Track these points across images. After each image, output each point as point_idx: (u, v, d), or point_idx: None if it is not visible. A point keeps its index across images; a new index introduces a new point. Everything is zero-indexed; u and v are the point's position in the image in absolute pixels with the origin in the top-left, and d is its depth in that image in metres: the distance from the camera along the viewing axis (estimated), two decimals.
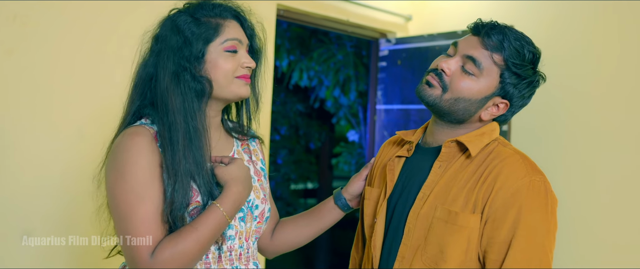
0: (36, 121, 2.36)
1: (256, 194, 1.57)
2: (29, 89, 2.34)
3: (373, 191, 1.63)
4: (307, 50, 6.57)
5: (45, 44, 2.38)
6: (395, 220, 1.50)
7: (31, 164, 2.35)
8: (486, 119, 1.48)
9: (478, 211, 1.38)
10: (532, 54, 1.44)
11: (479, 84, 1.43)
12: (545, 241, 1.35)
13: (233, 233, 1.50)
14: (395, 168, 1.57)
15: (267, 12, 3.22)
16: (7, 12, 2.28)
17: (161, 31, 1.47)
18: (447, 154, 1.48)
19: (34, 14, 2.34)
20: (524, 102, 1.49)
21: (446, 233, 1.39)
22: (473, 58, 1.43)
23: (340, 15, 3.66)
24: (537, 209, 1.36)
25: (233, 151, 1.59)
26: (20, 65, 2.31)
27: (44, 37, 2.37)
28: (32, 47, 2.35)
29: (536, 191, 1.36)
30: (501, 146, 1.46)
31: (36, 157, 2.36)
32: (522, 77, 1.44)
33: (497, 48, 1.42)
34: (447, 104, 1.45)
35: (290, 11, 3.42)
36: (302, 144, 7.97)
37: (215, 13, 1.48)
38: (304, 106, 7.60)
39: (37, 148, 2.36)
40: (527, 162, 1.41)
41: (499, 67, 1.43)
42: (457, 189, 1.42)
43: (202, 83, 1.44)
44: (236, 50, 1.48)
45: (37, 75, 2.36)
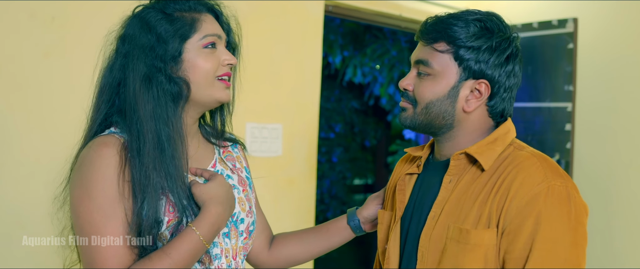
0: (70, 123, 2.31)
1: (242, 206, 1.43)
2: (65, 91, 2.30)
3: (385, 215, 1.49)
4: (361, 46, 6.42)
5: (82, 46, 2.32)
6: (409, 244, 1.35)
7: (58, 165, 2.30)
8: (471, 110, 1.31)
9: (493, 225, 1.21)
10: (479, 21, 1.29)
11: (438, 80, 1.31)
12: (570, 256, 1.17)
13: (219, 251, 1.35)
14: (406, 188, 1.43)
15: (314, 9, 3.12)
16: (44, 15, 2.24)
17: (128, 30, 1.32)
18: (456, 167, 1.32)
19: (71, 16, 2.30)
20: (506, 72, 1.31)
21: (460, 254, 1.23)
22: (421, 60, 1.33)
23: (392, 10, 3.51)
24: (558, 218, 1.17)
25: (214, 159, 1.45)
26: (57, 68, 2.28)
27: (81, 39, 2.32)
28: (69, 49, 2.30)
29: (556, 197, 1.18)
30: (517, 150, 1.29)
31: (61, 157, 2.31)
32: (477, 46, 1.28)
33: (436, 37, 1.30)
34: (422, 117, 1.33)
35: (340, 7, 3.30)
36: (358, 142, 7.82)
37: (188, 7, 1.34)
38: (359, 103, 7.45)
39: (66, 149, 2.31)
40: (546, 165, 1.23)
41: (449, 52, 1.30)
42: (469, 204, 1.26)
43: (179, 85, 1.30)
44: (214, 43, 1.34)
45: (73, 77, 2.31)
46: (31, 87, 2.24)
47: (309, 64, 3.14)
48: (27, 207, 2.22)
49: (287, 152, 3.06)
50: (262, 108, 2.94)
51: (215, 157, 1.46)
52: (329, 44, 6.13)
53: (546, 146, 3.26)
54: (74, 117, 2.28)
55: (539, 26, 3.33)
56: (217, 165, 1.45)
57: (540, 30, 3.33)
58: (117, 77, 1.31)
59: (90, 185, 1.22)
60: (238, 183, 1.46)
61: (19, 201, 2.22)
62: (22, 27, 2.20)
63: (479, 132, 1.34)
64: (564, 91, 3.21)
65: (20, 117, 2.22)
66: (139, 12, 1.34)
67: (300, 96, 3.12)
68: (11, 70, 2.19)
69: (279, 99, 3.04)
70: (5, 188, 2.20)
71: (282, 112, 3.05)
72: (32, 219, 2.20)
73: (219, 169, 1.44)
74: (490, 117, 1.35)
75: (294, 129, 3.08)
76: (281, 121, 3.03)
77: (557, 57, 3.25)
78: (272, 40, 2.97)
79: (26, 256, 2.17)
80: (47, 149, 2.26)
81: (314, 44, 3.15)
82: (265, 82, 2.95)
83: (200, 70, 1.31)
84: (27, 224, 2.19)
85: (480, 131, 1.34)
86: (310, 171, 3.17)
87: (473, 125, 1.34)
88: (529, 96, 3.39)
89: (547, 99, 3.29)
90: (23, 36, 2.21)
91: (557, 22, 3.25)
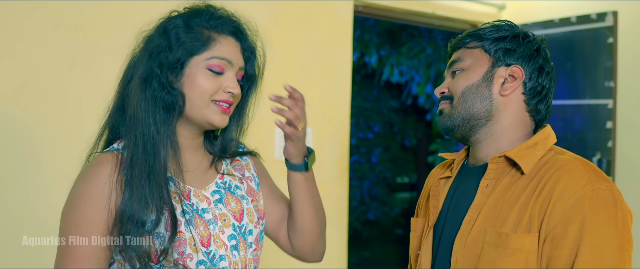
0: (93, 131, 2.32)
1: (250, 217, 1.40)
2: (91, 101, 2.31)
3: (418, 222, 1.47)
4: (397, 44, 6.35)
5: (107, 55, 2.33)
6: (442, 250, 1.33)
7: None
8: (507, 93, 1.32)
9: (534, 230, 1.18)
10: (505, 24, 1.38)
11: (471, 70, 1.35)
12: (616, 261, 1.13)
13: (226, 264, 1.32)
14: (440, 193, 1.41)
15: (343, 9, 3.07)
16: (69, 25, 2.25)
17: (152, 33, 1.34)
18: (494, 170, 1.30)
19: (95, 26, 2.31)
20: (537, 64, 1.34)
21: (498, 259, 1.20)
22: (454, 60, 1.39)
23: (425, 8, 3.44)
24: (604, 223, 1.14)
25: (222, 170, 1.42)
26: (82, 78, 2.29)
27: (105, 48, 2.33)
28: (94, 59, 2.31)
29: (602, 201, 1.16)
30: (558, 154, 1.28)
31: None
32: (504, 36, 1.35)
33: (466, 40, 1.38)
34: (460, 108, 1.34)
35: (369, 7, 3.25)
36: (398, 142, 7.75)
37: (211, 25, 1.32)
38: (397, 103, 7.37)
39: None
40: (589, 169, 1.21)
41: (479, 47, 1.36)
42: (508, 208, 1.23)
43: (174, 96, 1.28)
44: (222, 72, 1.31)
45: (99, 87, 2.31)
46: (58, 98, 2.26)
47: (339, 66, 3.10)
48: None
49: (318, 156, 3.00)
50: None
51: (223, 169, 1.43)
52: (365, 43, 6.09)
53: (587, 145, 3.15)
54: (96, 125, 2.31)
55: (577, 20, 3.21)
56: (225, 177, 1.42)
57: (578, 24, 3.21)
58: (128, 74, 1.34)
59: (76, 200, 1.26)
60: (247, 193, 1.44)
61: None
62: (47, 38, 2.22)
63: (517, 128, 1.33)
64: (604, 87, 3.09)
65: (46, 127, 2.24)
66: (168, 18, 1.34)
67: (330, 99, 3.08)
68: (37, 80, 2.22)
69: (309, 102, 2.98)
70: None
71: (312, 116, 3.00)
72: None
73: (226, 180, 1.42)
74: (529, 113, 1.34)
75: (324, 133, 3.05)
76: (311, 124, 3.00)
77: (596, 53, 3.13)
78: (300, 42, 2.94)
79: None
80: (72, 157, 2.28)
81: (343, 45, 3.10)
82: (294, 85, 2.91)
83: (198, 88, 1.29)
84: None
85: (518, 127, 1.33)
86: (342, 174, 3.12)
87: (512, 116, 1.33)
88: (568, 93, 3.27)
89: (587, 96, 3.17)
90: (48, 47, 2.23)
91: (596, 16, 3.13)
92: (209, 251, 1.29)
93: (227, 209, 1.37)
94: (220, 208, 1.36)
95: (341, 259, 3.16)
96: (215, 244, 1.31)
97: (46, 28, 2.22)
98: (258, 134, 2.79)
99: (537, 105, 1.34)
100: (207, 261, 1.29)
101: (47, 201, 2.24)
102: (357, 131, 7.16)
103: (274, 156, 2.83)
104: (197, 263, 1.27)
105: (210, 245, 1.30)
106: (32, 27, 2.20)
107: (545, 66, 1.35)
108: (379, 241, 7.67)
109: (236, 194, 1.41)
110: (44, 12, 2.21)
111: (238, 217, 1.38)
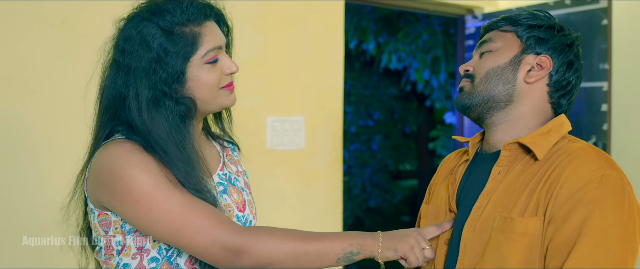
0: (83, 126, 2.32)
1: (250, 209, 1.41)
2: (78, 94, 2.30)
3: (429, 209, 1.44)
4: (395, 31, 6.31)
5: (94, 48, 2.32)
6: (452, 237, 1.31)
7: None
8: (532, 81, 1.30)
9: (540, 213, 1.17)
10: (546, 16, 1.35)
11: (500, 52, 1.33)
12: (619, 250, 1.11)
13: None
14: (456, 180, 1.39)
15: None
16: (55, 18, 2.25)
17: (126, 44, 1.28)
18: (507, 157, 1.27)
19: (81, 19, 2.30)
20: (567, 59, 1.31)
21: (504, 244, 1.18)
22: (485, 40, 1.36)
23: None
24: (611, 208, 1.12)
25: (221, 162, 1.43)
26: (69, 71, 2.28)
27: (92, 41, 2.31)
28: (81, 52, 2.30)
29: (611, 187, 1.14)
30: (571, 142, 1.26)
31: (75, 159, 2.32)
32: (539, 25, 1.32)
33: (500, 23, 1.36)
34: (481, 87, 1.31)
35: None
36: (399, 129, 7.73)
37: (187, 18, 1.27)
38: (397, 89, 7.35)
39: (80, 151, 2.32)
40: (601, 156, 1.20)
41: (513, 31, 1.33)
42: (517, 194, 1.21)
43: (185, 104, 1.27)
44: (217, 59, 1.30)
45: (86, 80, 2.31)
46: (45, 91, 2.25)
47: (332, 52, 3.08)
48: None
49: (310, 145, 3.01)
50: (283, 101, 2.90)
51: (222, 160, 1.44)
52: (362, 30, 6.06)
53: (582, 128, 3.12)
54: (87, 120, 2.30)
55: (571, 3, 3.18)
56: (225, 168, 1.43)
57: (572, 6, 3.18)
58: (120, 92, 1.28)
59: (134, 172, 1.21)
60: (244, 186, 1.45)
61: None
62: (34, 31, 2.22)
63: (535, 118, 1.31)
64: (599, 69, 3.06)
65: (33, 120, 2.24)
66: (136, 24, 1.28)
67: (322, 86, 3.07)
68: (24, 74, 2.21)
69: (301, 90, 2.99)
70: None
71: (304, 104, 3.00)
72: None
73: (226, 172, 1.43)
74: (550, 105, 1.32)
75: (317, 121, 3.04)
76: (303, 113, 2.99)
77: (591, 35, 3.10)
78: (292, 29, 2.92)
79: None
80: (62, 151, 2.28)
81: (335, 31, 3.08)
82: (285, 74, 2.91)
83: (204, 85, 1.29)
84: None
85: (537, 116, 1.31)
86: (335, 162, 3.12)
87: (532, 105, 1.31)
88: None
89: (582, 78, 3.15)
90: (35, 40, 2.22)
91: None
92: (244, 215, 1.35)
93: (231, 200, 1.38)
94: (225, 198, 1.37)
95: None
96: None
97: (32, 22, 2.21)
98: (250, 124, 2.80)
99: (560, 99, 1.32)
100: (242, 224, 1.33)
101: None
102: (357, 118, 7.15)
103: (266, 145, 2.83)
104: None
105: (245, 210, 1.36)
106: (18, 22, 2.20)
107: (575, 62, 1.33)
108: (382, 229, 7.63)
109: (237, 186, 1.42)
110: (30, 6, 2.20)
111: (241, 208, 1.39)
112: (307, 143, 2.99)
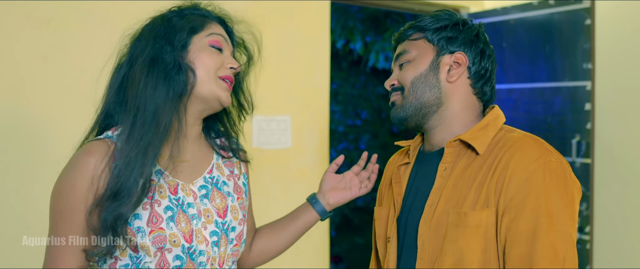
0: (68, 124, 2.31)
1: (233, 215, 1.43)
2: (64, 93, 2.31)
3: (382, 210, 1.51)
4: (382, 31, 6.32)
5: (79, 47, 2.33)
6: (408, 236, 1.37)
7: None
8: (454, 80, 1.38)
9: (492, 205, 1.24)
10: (443, 13, 1.42)
11: (418, 61, 1.39)
12: (569, 228, 1.21)
13: (204, 259, 1.35)
14: (402, 179, 1.45)
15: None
16: (40, 17, 2.24)
17: (142, 30, 1.37)
18: (451, 154, 1.36)
19: (66, 18, 2.30)
20: (478, 49, 1.40)
21: (460, 237, 1.26)
22: (400, 53, 1.43)
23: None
24: (556, 193, 1.21)
25: (211, 165, 1.45)
26: (56, 70, 2.28)
27: (77, 40, 2.32)
28: (66, 51, 2.30)
29: (554, 173, 1.22)
30: (508, 133, 1.34)
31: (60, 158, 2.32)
32: (444, 25, 1.39)
33: (409, 33, 1.43)
34: (412, 98, 1.38)
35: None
36: (387, 128, 7.74)
37: (201, 13, 1.41)
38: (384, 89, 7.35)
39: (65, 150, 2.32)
40: (539, 143, 1.29)
41: (423, 37, 1.41)
42: (466, 188, 1.29)
43: (185, 71, 1.31)
44: (221, 48, 1.38)
45: (72, 79, 2.31)
46: (30, 90, 2.25)
47: (317, 51, 3.09)
48: (27, 207, 2.24)
49: (297, 144, 3.02)
50: (269, 100, 2.91)
51: (213, 163, 1.45)
52: (349, 30, 6.07)
53: (566, 127, 3.16)
54: (72, 119, 2.30)
55: (555, 3, 3.21)
56: (214, 171, 1.44)
57: (556, 6, 3.21)
58: (123, 72, 1.34)
59: (63, 186, 1.28)
60: (233, 191, 1.46)
61: (19, 202, 2.24)
62: (19, 30, 2.21)
63: (467, 112, 1.39)
64: (582, 69, 3.09)
65: (20, 119, 2.24)
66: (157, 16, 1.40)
67: (308, 86, 3.08)
68: (9, 74, 2.21)
69: (287, 90, 3.00)
70: (6, 189, 2.22)
71: (290, 104, 3.01)
72: (32, 219, 2.22)
73: (214, 175, 1.44)
74: (476, 96, 1.40)
75: (303, 120, 3.05)
76: (289, 112, 3.00)
77: (574, 35, 3.13)
78: (277, 28, 2.93)
79: (26, 256, 2.18)
80: (47, 150, 2.28)
81: (320, 31, 3.10)
82: (271, 74, 2.91)
83: (203, 64, 1.34)
84: (27, 224, 2.21)
85: (468, 110, 1.39)
86: (322, 161, 3.13)
87: (461, 101, 1.38)
88: (547, 76, 3.28)
89: (566, 78, 3.18)
90: (20, 39, 2.22)
91: None
92: (191, 246, 1.32)
93: (211, 205, 1.39)
94: (205, 203, 1.38)
95: (324, 246, 3.17)
96: (196, 239, 1.33)
97: (17, 21, 2.21)
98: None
99: (482, 87, 1.40)
100: (183, 256, 1.31)
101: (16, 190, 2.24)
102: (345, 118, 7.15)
103: (253, 145, 2.83)
104: (173, 258, 1.30)
105: (192, 240, 1.32)
106: (3, 21, 2.19)
107: (486, 50, 1.41)
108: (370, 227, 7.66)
109: (222, 191, 1.43)
110: (15, 4, 2.20)
111: (221, 214, 1.40)
112: (293, 142, 3.00)
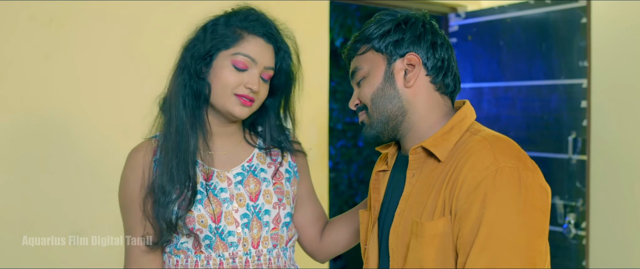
0: (72, 124, 2.34)
1: (266, 198, 1.52)
2: (66, 92, 2.33)
3: (364, 214, 1.47)
4: None
5: (82, 46, 2.35)
6: (383, 242, 1.34)
7: (61, 165, 2.33)
8: (411, 84, 1.30)
9: (447, 213, 1.19)
10: (384, 15, 1.34)
11: (372, 75, 1.33)
12: (518, 239, 1.11)
13: (235, 239, 1.47)
14: (380, 186, 1.41)
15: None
16: (42, 16, 2.26)
17: (193, 34, 1.50)
18: (416, 160, 1.30)
19: (69, 18, 2.32)
20: (429, 43, 1.31)
21: (418, 247, 1.21)
22: (353, 71, 1.38)
23: None
24: (505, 201, 1.12)
25: (252, 154, 1.57)
26: (58, 69, 2.30)
27: (80, 40, 2.35)
28: (69, 50, 2.32)
29: (505, 179, 1.13)
30: (471, 135, 1.26)
31: (66, 157, 2.34)
32: (388, 29, 1.32)
33: (356, 46, 1.37)
34: (377, 115, 1.33)
35: None
36: None
37: (244, 25, 1.46)
38: None
39: (69, 150, 2.34)
40: (496, 147, 1.19)
41: (370, 48, 1.34)
42: (426, 197, 1.24)
43: (201, 85, 1.43)
44: (246, 69, 1.43)
45: (74, 79, 2.34)
46: (32, 89, 2.27)
47: (316, 50, 3.12)
48: (28, 207, 2.26)
49: None
50: None
51: (253, 153, 1.57)
52: (348, 28, 6.08)
53: (562, 125, 3.19)
54: (74, 118, 2.33)
55: (551, 2, 3.24)
56: (254, 160, 1.56)
57: (552, 5, 3.24)
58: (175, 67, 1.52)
59: (120, 185, 1.51)
60: (271, 177, 1.55)
61: (19, 201, 2.26)
62: (22, 29, 2.23)
63: (433, 112, 1.32)
64: (578, 67, 3.12)
65: (21, 119, 2.26)
66: (218, 15, 1.50)
67: (308, 84, 3.08)
68: (11, 73, 2.23)
69: None
70: (6, 188, 2.24)
71: None
72: (32, 219, 2.25)
73: (254, 163, 1.55)
74: (439, 92, 1.33)
75: (302, 118, 3.05)
76: None
77: (570, 33, 3.16)
78: None
79: (26, 256, 2.20)
80: (48, 150, 2.30)
81: (320, 29, 3.12)
82: None
83: (221, 81, 1.43)
84: (27, 224, 2.23)
85: (434, 110, 1.33)
86: (321, 159, 3.16)
87: (424, 103, 1.32)
88: (544, 74, 3.31)
89: (562, 76, 3.21)
90: (23, 39, 2.24)
91: None
92: (219, 227, 1.45)
93: (245, 190, 1.50)
94: (239, 188, 1.50)
95: None
96: (226, 220, 1.46)
97: (21, 20, 2.23)
98: None
99: (443, 80, 1.32)
100: (212, 236, 1.45)
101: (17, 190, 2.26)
102: (343, 115, 7.16)
103: None
104: (203, 237, 1.45)
105: (220, 221, 1.45)
106: (6, 19, 2.21)
107: (437, 39, 1.33)
108: None
109: (258, 177, 1.54)
110: (17, 4, 2.22)
111: (253, 197, 1.50)
112: None
